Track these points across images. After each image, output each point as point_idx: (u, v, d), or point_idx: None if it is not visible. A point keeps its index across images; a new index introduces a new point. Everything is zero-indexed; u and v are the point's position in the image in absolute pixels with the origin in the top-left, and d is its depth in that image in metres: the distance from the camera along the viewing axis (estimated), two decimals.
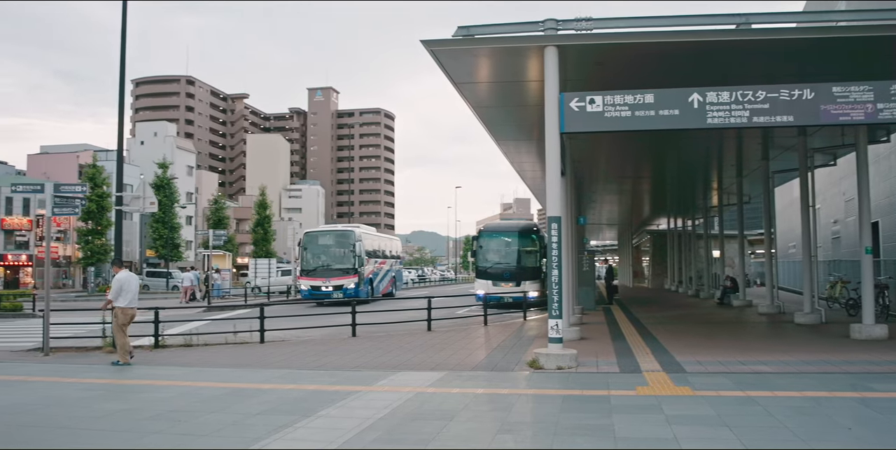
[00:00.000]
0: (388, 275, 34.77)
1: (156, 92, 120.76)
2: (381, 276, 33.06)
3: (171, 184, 53.20)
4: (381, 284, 33.16)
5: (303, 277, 30.00)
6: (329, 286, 28.67)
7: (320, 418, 7.02)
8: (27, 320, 22.82)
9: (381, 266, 33.37)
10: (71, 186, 13.42)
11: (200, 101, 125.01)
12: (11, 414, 7.58)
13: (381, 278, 33.02)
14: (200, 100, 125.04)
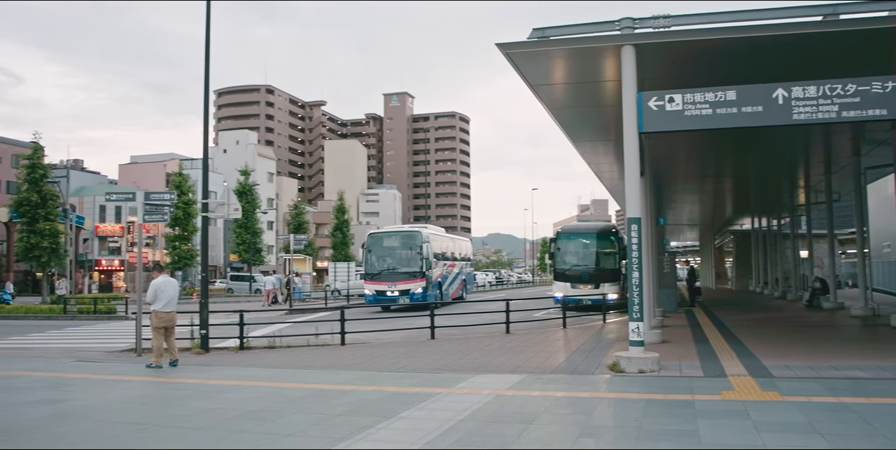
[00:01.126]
0: (458, 278, 33.21)
1: (237, 102, 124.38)
2: (450, 279, 31.56)
3: (252, 190, 54.66)
4: (451, 287, 31.66)
5: (367, 280, 28.41)
6: (395, 291, 27.21)
7: (401, 419, 7.10)
8: (120, 322, 23.80)
9: (451, 269, 31.90)
10: (160, 194, 14.00)
11: (280, 110, 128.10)
12: (110, 411, 7.94)
13: (450, 282, 31.52)
14: (280, 108, 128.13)
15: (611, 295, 22.26)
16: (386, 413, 7.36)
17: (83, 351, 14.85)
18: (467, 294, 34.84)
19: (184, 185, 46.71)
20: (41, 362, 12.70)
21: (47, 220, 38.98)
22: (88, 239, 58.30)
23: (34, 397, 8.92)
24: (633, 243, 10.44)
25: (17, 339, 18.32)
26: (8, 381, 10.45)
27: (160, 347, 11.75)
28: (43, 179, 39.38)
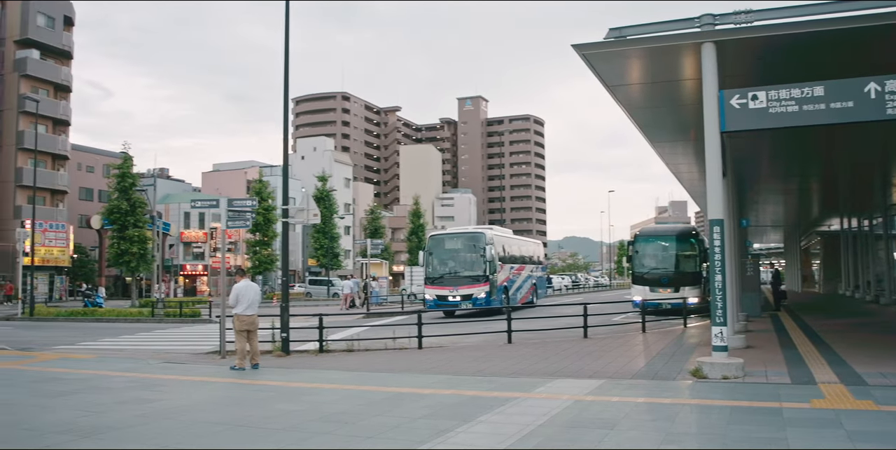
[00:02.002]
0: (528, 282, 31.62)
1: (314, 109, 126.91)
2: (518, 283, 29.95)
3: (330, 196, 55.62)
4: (520, 292, 30.14)
5: (428, 285, 26.96)
6: (457, 296, 25.69)
7: (480, 423, 7.07)
8: (204, 325, 24.53)
9: (519, 272, 30.41)
10: (242, 200, 14.38)
11: (355, 116, 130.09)
12: (197, 412, 8.18)
13: (518, 286, 29.98)
14: (355, 114, 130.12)
15: (691, 299, 21.72)
16: (465, 417, 7.35)
17: (170, 353, 15.36)
18: (538, 299, 33.40)
19: (264, 191, 47.88)
20: (132, 363, 13.20)
21: (136, 227, 40.55)
22: (174, 245, 60.39)
23: (125, 397, 9.26)
24: (716, 246, 10.15)
25: (109, 340, 19.10)
26: (101, 380, 10.89)
27: (243, 349, 12.02)
28: (132, 187, 41.00)
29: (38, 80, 51.52)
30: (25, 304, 31.16)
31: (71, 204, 55.76)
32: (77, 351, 16.04)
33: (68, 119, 53.42)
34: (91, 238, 58.47)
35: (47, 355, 15.11)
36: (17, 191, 49.78)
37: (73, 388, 10.16)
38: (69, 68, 54.12)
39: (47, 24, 52.05)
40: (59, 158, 52.70)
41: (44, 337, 20.27)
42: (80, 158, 59.94)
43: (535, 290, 32.91)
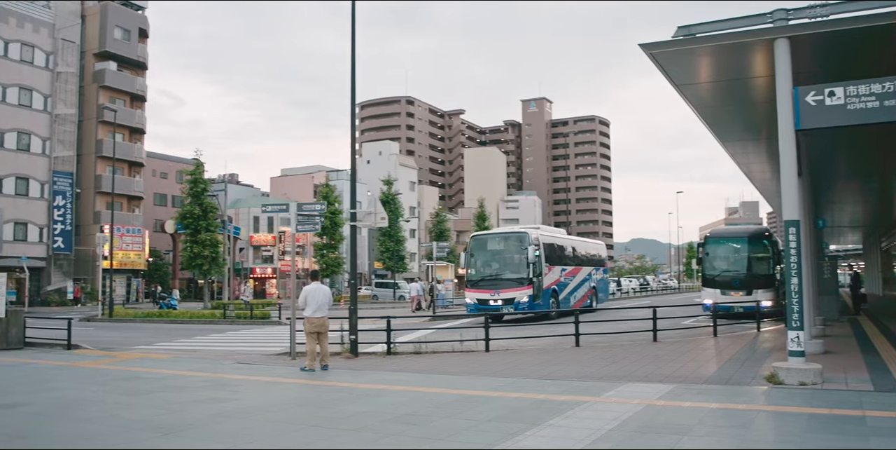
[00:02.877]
0: (585, 285, 29.47)
1: (379, 113, 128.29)
2: (571, 286, 28.01)
3: (395, 199, 56.11)
4: (573, 296, 28.19)
5: (469, 288, 25.77)
6: (498, 300, 24.32)
7: (550, 427, 7.02)
8: (274, 327, 25.01)
9: (573, 275, 28.35)
10: (311, 205, 14.62)
11: (420, 120, 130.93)
12: (269, 411, 8.34)
13: (571, 289, 28.00)
14: (420, 118, 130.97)
15: (765, 302, 21.11)
16: (534, 420, 7.31)
17: (242, 354, 15.71)
18: (598, 303, 31.00)
19: (330, 195, 48.60)
20: (205, 364, 13.55)
21: (208, 231, 41.64)
22: (244, 248, 61.80)
23: (201, 396, 9.52)
24: (791, 247, 9.86)
25: (183, 341, 19.65)
26: (178, 380, 11.21)
27: (313, 351, 12.19)
28: (204, 192, 42.12)
29: (116, 91, 53.45)
30: (105, 305, 32.33)
31: (146, 209, 57.66)
32: (154, 351, 16.56)
33: (143, 128, 55.27)
34: (165, 242, 60.33)
35: (127, 354, 15.65)
36: (96, 197, 51.72)
37: (151, 387, 10.49)
38: (144, 79, 56.00)
39: (123, 37, 53.98)
40: (135, 165, 54.55)
41: (123, 337, 20.98)
42: (154, 165, 61.94)
43: (595, 293, 30.78)
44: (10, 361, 14.54)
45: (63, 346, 16.93)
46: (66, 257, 49.04)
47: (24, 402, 9.24)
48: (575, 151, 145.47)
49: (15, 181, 46.38)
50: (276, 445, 6.58)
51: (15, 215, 45.98)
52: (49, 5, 49.32)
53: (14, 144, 46.45)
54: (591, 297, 30.12)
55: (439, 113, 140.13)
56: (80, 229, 50.93)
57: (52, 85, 48.80)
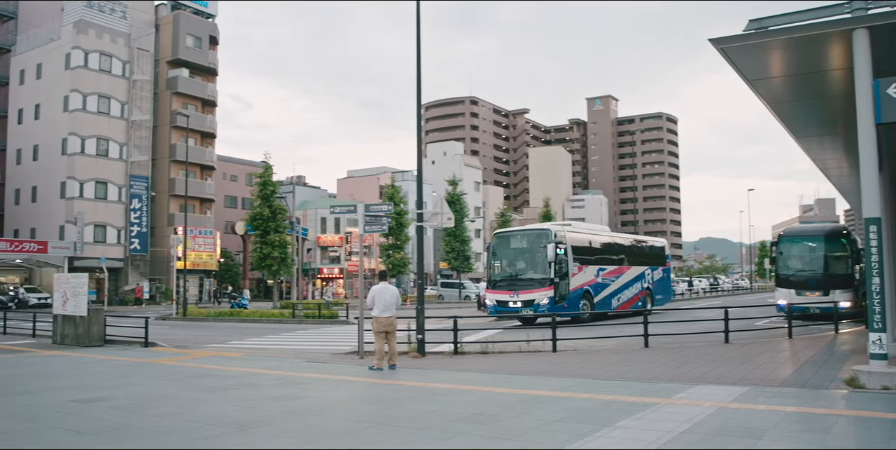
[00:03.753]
0: (634, 286, 27.37)
1: (443, 114, 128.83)
2: (614, 287, 26.01)
3: (460, 199, 56.25)
4: (617, 297, 26.18)
5: (489, 288, 24.45)
6: (517, 301, 22.92)
7: (619, 428, 6.93)
8: (342, 326, 25.34)
9: (616, 275, 26.38)
10: (378, 205, 14.75)
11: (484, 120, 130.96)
12: (338, 409, 8.47)
13: (614, 291, 26.03)
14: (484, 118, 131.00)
15: (843, 303, 20.40)
16: (603, 421, 7.23)
17: (311, 353, 15.97)
18: (656, 305, 28.61)
19: (396, 196, 49.03)
20: (276, 362, 13.83)
21: (277, 232, 42.48)
22: (311, 249, 62.84)
23: (272, 394, 9.72)
24: (872, 246, 9.49)
25: (254, 340, 20.09)
26: (250, 377, 11.48)
27: (381, 350, 12.31)
28: (273, 195, 43.00)
29: (188, 97, 55.04)
30: (179, 305, 33.32)
31: (217, 211, 59.20)
32: (226, 349, 16.98)
33: (214, 132, 56.74)
34: (236, 243, 61.83)
35: (201, 352, 16.10)
36: (170, 200, 53.35)
37: (225, 384, 10.76)
38: (214, 84, 57.50)
39: (195, 45, 55.52)
40: (206, 168, 56.06)
41: (196, 336, 21.58)
42: (224, 168, 63.54)
43: (651, 294, 28.57)
44: (92, 357, 15.12)
45: (141, 343, 17.52)
46: (142, 258, 50.73)
47: (106, 397, 9.59)
48: (642, 149, 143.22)
49: (95, 185, 48.20)
50: (347, 442, 6.67)
51: (95, 218, 47.81)
52: (126, 16, 51.08)
53: (94, 149, 48.29)
54: (645, 298, 28.05)
55: (503, 113, 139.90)
56: (155, 231, 52.62)
57: (129, 92, 50.54)
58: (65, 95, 48.20)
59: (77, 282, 18.29)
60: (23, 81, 52.33)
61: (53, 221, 48.18)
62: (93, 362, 14.21)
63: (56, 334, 18.63)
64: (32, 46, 51.94)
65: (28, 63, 51.96)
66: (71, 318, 18.09)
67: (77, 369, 13.12)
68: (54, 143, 48.75)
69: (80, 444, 6.76)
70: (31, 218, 50.22)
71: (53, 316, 18.89)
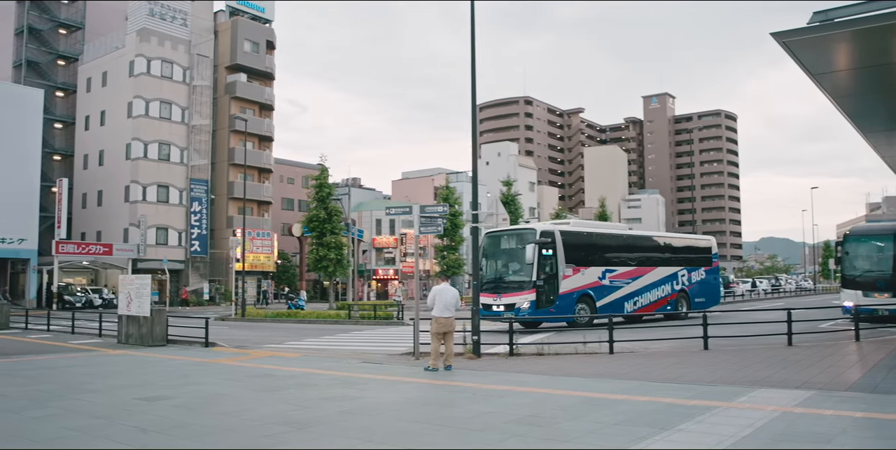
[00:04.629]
0: (660, 288, 25.34)
1: (497, 115, 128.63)
2: (629, 290, 24.19)
3: (515, 200, 56.00)
4: (634, 300, 24.32)
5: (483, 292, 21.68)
6: (500, 305, 21.72)
7: (679, 431, 6.79)
8: (397, 327, 25.46)
9: (634, 277, 24.47)
10: (433, 207, 14.79)
11: (538, 120, 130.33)
12: (394, 410, 8.50)
13: (629, 293, 24.19)
14: (538, 118, 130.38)
15: None
16: (663, 425, 7.10)
17: (367, 353, 16.09)
18: (695, 308, 25.91)
19: (450, 197, 49.09)
20: (333, 362, 13.96)
21: (332, 233, 42.93)
22: (367, 250, 63.37)
23: (329, 394, 9.81)
24: None
25: (311, 340, 20.33)
26: (307, 377, 11.61)
27: (437, 350, 12.36)
28: (329, 197, 43.48)
29: (246, 101, 56.08)
30: (238, 306, 33.93)
31: (274, 213, 60.17)
32: (284, 350, 17.22)
33: (272, 135, 57.68)
34: (292, 245, 62.72)
35: (259, 352, 16.36)
36: (229, 203, 54.43)
37: (283, 384, 10.91)
38: (271, 88, 58.46)
39: (252, 50, 56.55)
40: (264, 171, 57.02)
41: (255, 336, 21.94)
42: (281, 171, 64.55)
43: (687, 297, 26.37)
44: (155, 356, 15.51)
45: (201, 343, 17.89)
46: (203, 260, 51.85)
47: (169, 395, 9.82)
48: (700, 148, 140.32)
49: (157, 189, 49.47)
50: (403, 442, 6.69)
51: (157, 221, 49.08)
52: (186, 23, 52.32)
53: (156, 154, 49.57)
54: (677, 302, 25.95)
55: (558, 112, 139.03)
56: (215, 233, 53.76)
57: (189, 97, 51.75)
58: (128, 102, 49.62)
59: (141, 283, 18.77)
60: (89, 89, 54.06)
61: (118, 224, 49.62)
62: (156, 362, 14.56)
63: (121, 334, 19.16)
64: (98, 55, 53.63)
65: (94, 71, 53.65)
66: (135, 318, 18.58)
67: (141, 368, 13.47)
68: (119, 148, 50.22)
69: (144, 440, 6.93)
70: (97, 221, 51.83)
71: (118, 316, 19.43)
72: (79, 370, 13.22)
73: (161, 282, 46.10)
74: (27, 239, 43.41)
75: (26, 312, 26.80)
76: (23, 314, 26.50)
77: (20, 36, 55.40)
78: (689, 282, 26.72)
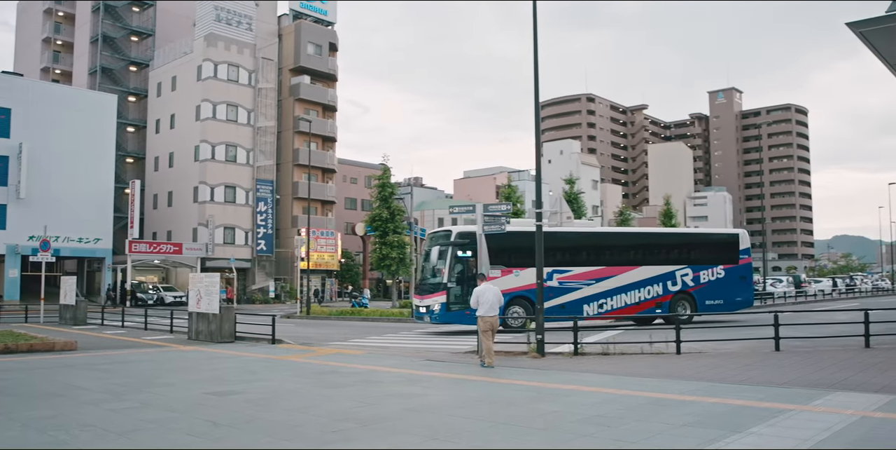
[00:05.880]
0: (641, 289, 23.20)
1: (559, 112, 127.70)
2: (588, 292, 22.34)
3: (578, 198, 55.50)
4: (594, 304, 22.36)
5: (415, 293, 23.48)
6: (420, 306, 21.87)
7: (752, 434, 6.61)
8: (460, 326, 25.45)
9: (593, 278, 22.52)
10: (497, 205, 14.78)
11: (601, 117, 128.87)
12: (458, 408, 8.49)
13: (588, 296, 22.33)
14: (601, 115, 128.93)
15: None
16: (734, 427, 6.91)
17: (431, 351, 16.14)
18: (709, 311, 23.77)
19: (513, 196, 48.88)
20: (396, 360, 14.06)
21: (395, 233, 43.19)
22: None
23: (392, 391, 9.87)
24: None
25: (375, 338, 20.50)
26: (371, 374, 11.71)
27: (489, 347, 12.69)
28: (391, 196, 43.77)
29: (309, 103, 56.95)
30: (303, 304, 34.49)
31: (338, 213, 60.95)
32: (348, 347, 17.42)
33: (335, 136, 58.43)
34: (356, 244, 63.41)
35: (324, 349, 16.58)
36: (293, 202, 55.37)
37: (348, 380, 11.03)
38: (334, 90, 59.21)
39: (315, 52, 57.39)
40: (327, 171, 57.80)
41: (319, 334, 22.26)
42: (344, 171, 65.33)
43: (689, 299, 23.84)
44: (224, 353, 15.88)
45: (268, 340, 18.23)
46: (268, 259, 52.88)
47: (239, 390, 10.03)
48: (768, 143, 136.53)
49: (224, 189, 50.67)
50: (469, 440, 6.68)
51: (224, 221, 50.27)
52: (251, 28, 53.44)
53: (223, 155, 50.77)
54: (673, 303, 23.40)
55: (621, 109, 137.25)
56: (280, 233, 54.74)
57: (255, 100, 52.84)
58: (196, 105, 50.94)
59: (210, 281, 19.24)
60: (160, 94, 55.70)
61: (187, 224, 51.00)
62: (225, 358, 14.90)
63: (191, 331, 19.68)
64: (168, 61, 55.22)
65: (164, 76, 55.25)
66: (204, 315, 19.05)
67: (211, 364, 13.80)
68: (188, 150, 51.60)
69: (216, 433, 7.09)
70: (167, 221, 53.38)
71: (189, 313, 19.95)
72: (152, 365, 13.62)
73: (228, 280, 47.18)
74: (102, 239, 45.00)
75: (102, 309, 27.79)
76: (99, 311, 27.46)
77: (95, 44, 57.48)
78: (695, 282, 24.09)
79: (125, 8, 59.01)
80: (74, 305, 26.53)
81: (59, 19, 63.57)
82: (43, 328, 23.23)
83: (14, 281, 41.33)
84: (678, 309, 23.38)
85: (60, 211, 41.56)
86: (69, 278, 28.29)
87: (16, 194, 41.16)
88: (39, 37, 64.54)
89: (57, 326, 25.44)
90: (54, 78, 61.56)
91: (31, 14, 66.95)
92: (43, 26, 64.01)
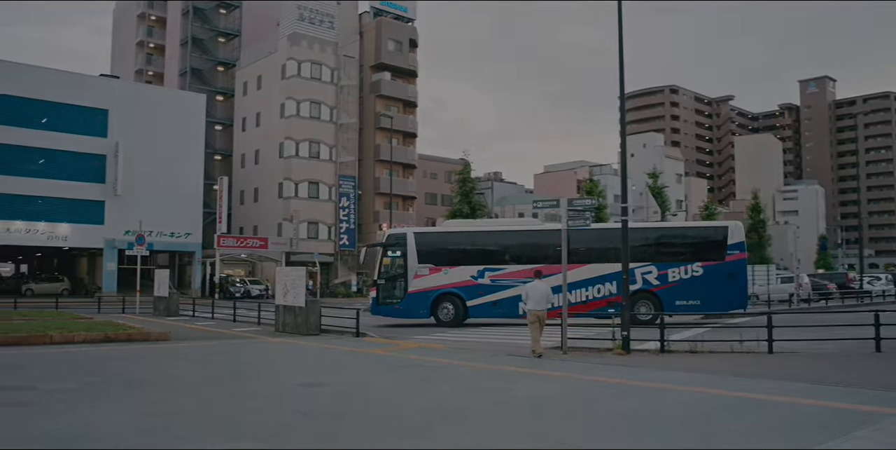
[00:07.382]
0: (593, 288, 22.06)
1: (641, 105, 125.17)
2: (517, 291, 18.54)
3: (662, 193, 54.38)
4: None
5: None
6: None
7: (855, 438, 6.32)
8: None
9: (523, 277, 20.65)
10: (581, 200, 14.63)
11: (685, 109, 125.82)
12: (545, 403, 8.45)
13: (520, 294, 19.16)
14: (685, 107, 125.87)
15: None
16: (833, 431, 6.63)
17: (512, 346, 16.07)
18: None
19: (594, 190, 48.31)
20: (479, 355, 14.05)
21: None
22: None
23: (475, 386, 9.88)
24: None
25: (457, 333, 20.51)
26: (454, 369, 11.75)
27: (536, 337, 13.56)
28: (472, 191, 43.86)
29: (390, 99, 57.55)
30: None
31: (419, 208, 61.40)
32: (431, 341, 17.51)
33: (415, 132, 58.89)
34: None
35: (407, 343, 16.73)
36: (375, 198, 56.10)
37: (432, 374, 11.11)
38: (414, 86, 59.65)
39: (396, 49, 57.94)
40: (408, 167, 58.30)
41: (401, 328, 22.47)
42: (425, 166, 65.74)
43: (653, 300, 22.05)
44: (310, 345, 16.22)
45: (352, 333, 18.52)
46: (351, 253, 53.71)
47: (326, 382, 10.23)
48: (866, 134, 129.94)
49: (308, 185, 51.73)
50: (560, 436, 6.62)
51: (308, 216, 51.35)
52: (333, 26, 54.34)
53: (307, 152, 51.84)
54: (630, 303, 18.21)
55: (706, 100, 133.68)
56: (362, 228, 55.55)
57: (337, 97, 53.71)
58: (281, 103, 52.14)
59: (296, 275, 19.68)
60: (245, 93, 57.27)
61: (272, 219, 52.32)
62: (311, 350, 15.22)
63: (278, 323, 20.17)
64: (253, 60, 56.71)
65: (250, 76, 56.77)
66: (291, 308, 19.50)
67: (299, 356, 14.13)
68: (272, 147, 52.90)
69: (308, 424, 7.25)
70: (253, 216, 54.89)
71: (276, 306, 20.46)
72: (243, 356, 14.04)
73: (312, 274, 48.19)
74: (192, 233, 46.61)
75: (193, 302, 28.75)
76: (190, 303, 28.46)
77: (185, 46, 59.57)
78: (660, 280, 22.15)
79: (213, 10, 60.90)
80: (167, 297, 27.60)
81: (152, 23, 66.11)
82: (138, 319, 24.23)
83: (111, 273, 43.27)
84: (640, 309, 21.67)
85: (154, 207, 43.19)
86: (163, 271, 29.40)
87: (113, 191, 43.03)
88: (133, 40, 67.33)
89: (151, 316, 26.50)
90: (147, 79, 64.11)
91: (126, 19, 69.93)
92: (137, 30, 66.74)
